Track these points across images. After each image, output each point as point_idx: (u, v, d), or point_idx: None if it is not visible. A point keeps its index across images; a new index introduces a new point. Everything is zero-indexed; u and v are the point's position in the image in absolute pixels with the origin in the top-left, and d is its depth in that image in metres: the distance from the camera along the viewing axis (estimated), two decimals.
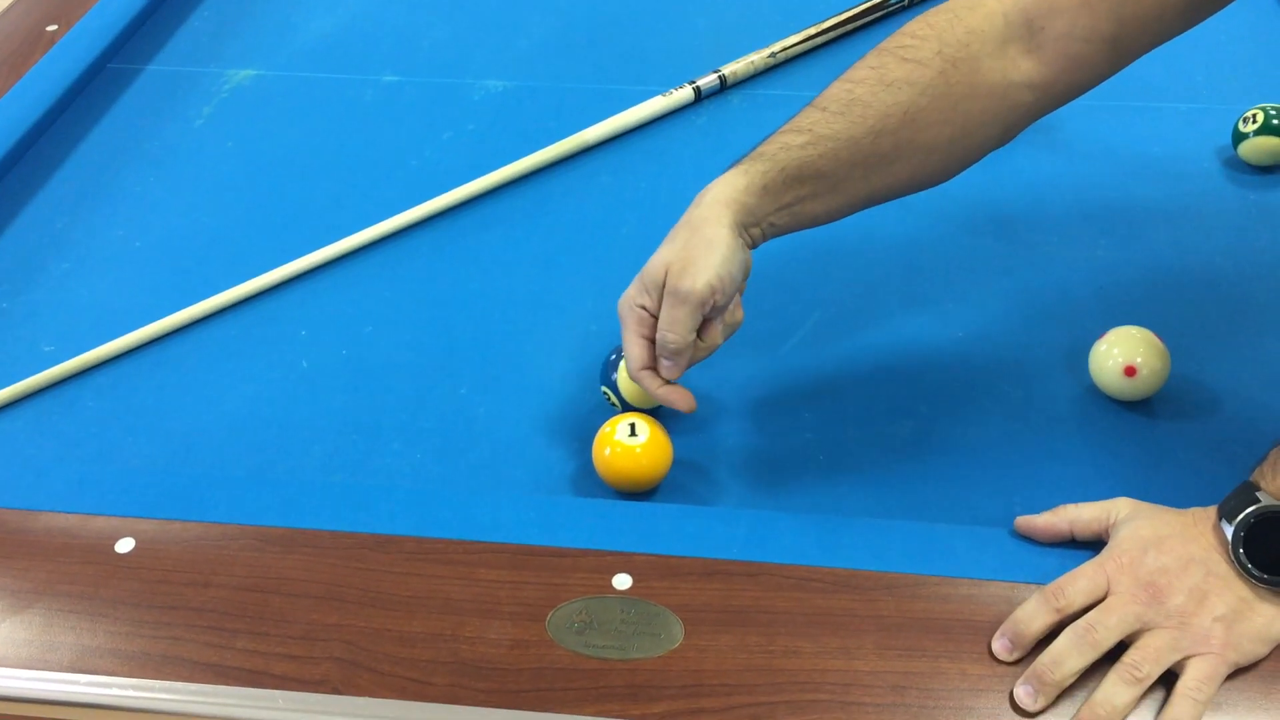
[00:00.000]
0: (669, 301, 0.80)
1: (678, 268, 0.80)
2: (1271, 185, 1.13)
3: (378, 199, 1.14)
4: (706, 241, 0.80)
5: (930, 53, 0.81)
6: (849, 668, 0.69)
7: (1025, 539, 0.77)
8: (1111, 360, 0.89)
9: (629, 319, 0.83)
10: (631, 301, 0.83)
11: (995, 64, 0.81)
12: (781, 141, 0.82)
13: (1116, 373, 0.89)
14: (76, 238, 1.12)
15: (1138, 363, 0.88)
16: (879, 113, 0.81)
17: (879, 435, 0.90)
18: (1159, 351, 0.89)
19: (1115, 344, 0.90)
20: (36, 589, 0.75)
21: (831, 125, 0.81)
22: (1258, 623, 0.68)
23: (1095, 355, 0.91)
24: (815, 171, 0.82)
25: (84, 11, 1.38)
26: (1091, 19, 0.79)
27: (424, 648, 0.71)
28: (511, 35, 1.41)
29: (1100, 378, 0.90)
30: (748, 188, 0.81)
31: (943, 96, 0.81)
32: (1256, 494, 0.71)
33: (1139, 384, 0.89)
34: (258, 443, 0.91)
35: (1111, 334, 0.90)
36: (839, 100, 0.82)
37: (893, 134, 0.81)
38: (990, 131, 0.84)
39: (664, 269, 0.81)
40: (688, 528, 0.78)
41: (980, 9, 0.82)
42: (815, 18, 1.36)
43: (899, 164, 0.83)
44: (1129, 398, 0.90)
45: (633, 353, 0.83)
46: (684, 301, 0.80)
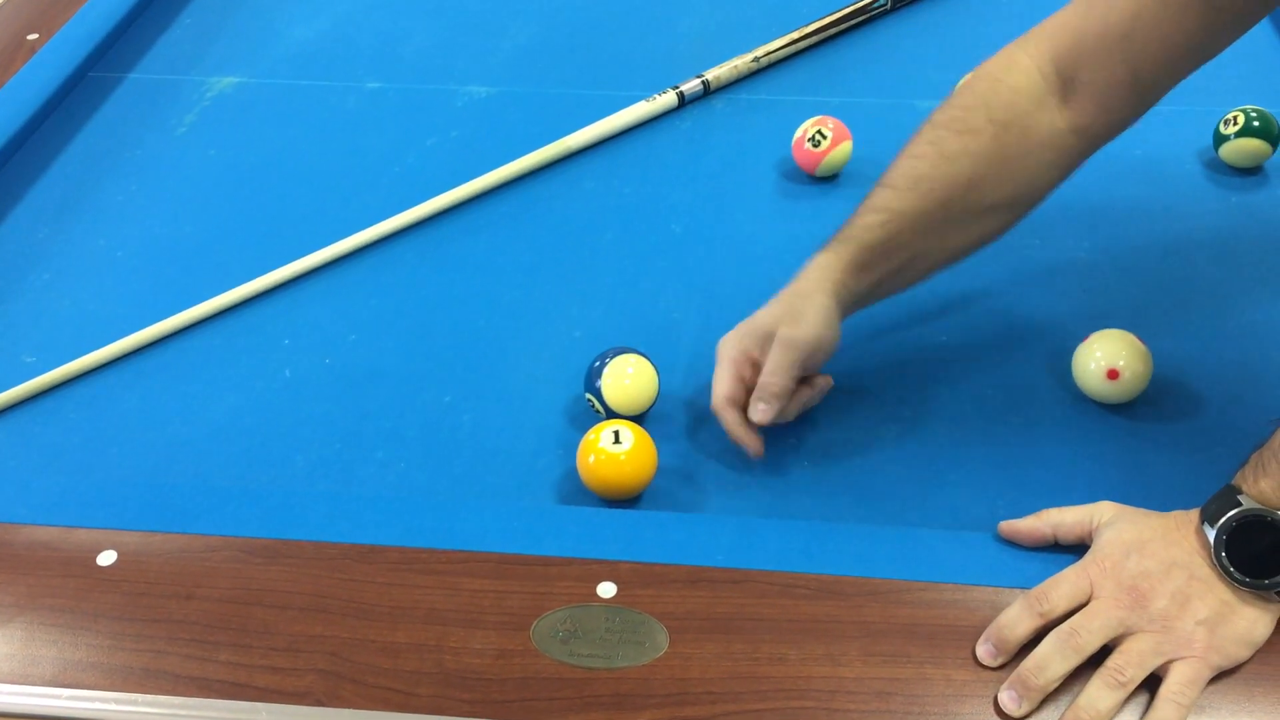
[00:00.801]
0: (778, 348, 0.85)
1: (789, 318, 0.85)
2: (1252, 187, 1.14)
3: (361, 206, 1.14)
4: (814, 304, 0.86)
5: (981, 120, 0.86)
6: (834, 674, 0.69)
7: (1009, 543, 0.77)
8: (1094, 363, 0.89)
9: (729, 355, 0.87)
10: (736, 342, 0.87)
11: (1042, 117, 0.86)
12: (863, 223, 0.88)
13: (1099, 376, 0.89)
14: (58, 247, 1.12)
15: (1120, 365, 0.88)
16: (945, 185, 0.86)
17: (863, 440, 0.90)
18: (1141, 354, 0.89)
19: (1098, 347, 0.90)
20: (17, 603, 0.74)
21: (904, 201, 0.86)
22: (1240, 626, 0.69)
23: (1078, 358, 0.91)
24: (897, 245, 0.87)
25: (65, 20, 1.38)
26: (1109, 65, 0.84)
27: (408, 658, 0.70)
28: (495, 41, 1.41)
29: (1083, 381, 0.90)
30: (842, 266, 0.87)
31: (1000, 160, 0.86)
32: (1238, 497, 0.71)
33: (1121, 387, 0.89)
34: (241, 453, 0.90)
35: (1094, 337, 0.91)
36: (906, 177, 0.87)
37: (961, 201, 0.86)
38: (1048, 178, 0.89)
39: (773, 321, 0.86)
40: (672, 535, 0.78)
41: (1015, 68, 0.87)
42: (798, 22, 1.36)
43: (970, 226, 0.88)
44: (1112, 400, 0.90)
45: (722, 387, 0.86)
46: (792, 348, 0.84)
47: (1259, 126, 1.12)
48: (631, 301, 1.04)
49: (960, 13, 1.42)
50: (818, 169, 1.15)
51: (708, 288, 1.05)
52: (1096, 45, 0.84)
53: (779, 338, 0.85)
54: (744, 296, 1.03)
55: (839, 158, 1.15)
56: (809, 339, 0.85)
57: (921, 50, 1.36)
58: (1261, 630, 0.69)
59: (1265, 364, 0.95)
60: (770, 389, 0.84)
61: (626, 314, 1.03)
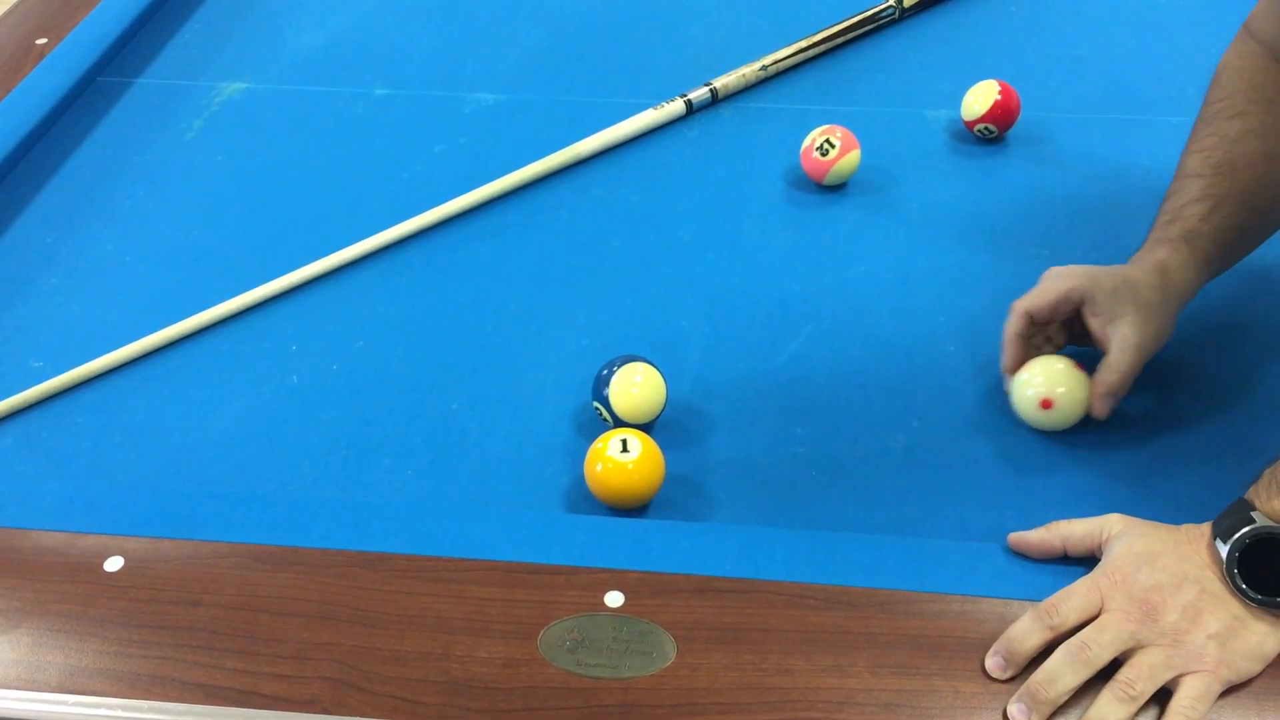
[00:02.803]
0: (1134, 353, 0.85)
1: (1145, 314, 0.86)
2: None
3: (369, 212, 1.14)
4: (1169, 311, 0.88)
5: (1244, 103, 0.90)
6: (842, 685, 0.69)
7: (1018, 555, 0.77)
8: (1032, 389, 0.87)
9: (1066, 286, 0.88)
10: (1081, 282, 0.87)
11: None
12: (1196, 214, 0.89)
13: (1033, 404, 0.87)
14: (66, 252, 1.12)
15: (1058, 393, 0.86)
16: (1246, 163, 0.88)
17: (871, 450, 0.89)
18: (1080, 382, 0.87)
19: (1036, 374, 0.88)
20: (25, 608, 0.74)
21: (1219, 186, 0.88)
22: (1251, 640, 0.68)
23: (1016, 383, 0.89)
24: (1231, 229, 0.89)
25: (74, 24, 1.38)
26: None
27: (415, 667, 0.70)
28: (503, 48, 1.41)
29: (1018, 406, 0.89)
30: (1197, 266, 0.88)
31: (1279, 134, 0.89)
32: (1251, 514, 0.71)
33: (1055, 416, 0.87)
34: (248, 459, 0.90)
35: (1034, 363, 0.88)
36: (1207, 165, 0.89)
37: (1266, 175, 0.89)
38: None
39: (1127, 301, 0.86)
40: (680, 544, 0.78)
41: (1248, 56, 0.92)
42: (806, 31, 1.36)
43: (1277, 200, 0.91)
44: (1046, 429, 0.88)
45: (1035, 300, 0.88)
46: (1143, 355, 0.86)
47: None
48: (639, 309, 1.04)
49: (967, 22, 1.42)
50: (826, 178, 1.15)
51: (716, 296, 1.05)
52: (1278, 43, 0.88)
53: (1136, 341, 0.85)
54: (752, 305, 1.03)
55: (847, 166, 1.15)
56: (1155, 349, 0.86)
57: (929, 59, 1.36)
58: (1272, 645, 0.69)
59: (1274, 375, 0.95)
60: (1121, 389, 0.85)
61: (634, 322, 1.03)
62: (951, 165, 1.20)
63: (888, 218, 1.13)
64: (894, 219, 1.13)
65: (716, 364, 0.97)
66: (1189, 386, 0.94)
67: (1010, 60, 1.33)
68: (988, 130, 1.21)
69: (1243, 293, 1.03)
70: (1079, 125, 1.23)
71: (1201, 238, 0.88)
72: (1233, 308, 1.02)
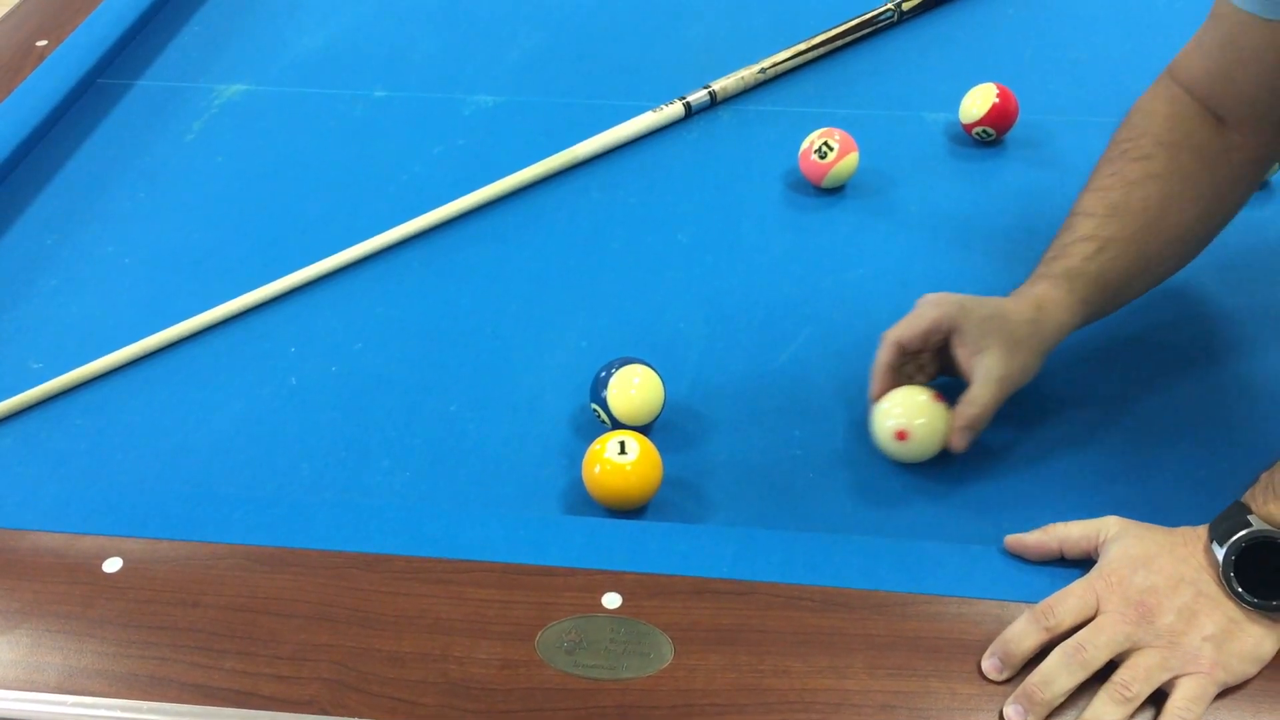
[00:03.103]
0: (998, 386, 0.84)
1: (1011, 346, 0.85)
2: (1257, 201, 1.13)
3: (367, 214, 1.14)
4: (1039, 348, 0.86)
5: (1150, 146, 0.88)
6: (839, 687, 0.69)
7: (1015, 557, 0.77)
8: (891, 420, 0.85)
9: (935, 314, 0.87)
10: (951, 309, 0.87)
11: (1204, 138, 0.88)
12: (1081, 252, 0.87)
13: (890, 434, 0.85)
14: (65, 254, 1.12)
15: (916, 425, 0.85)
16: (1139, 208, 0.87)
17: (868, 452, 0.89)
18: (939, 415, 0.85)
19: (896, 404, 0.86)
20: (23, 609, 0.75)
21: (1109, 228, 0.87)
22: (1247, 643, 0.69)
23: (876, 413, 0.87)
24: (1114, 272, 0.88)
25: (74, 26, 1.38)
26: (1224, 105, 0.87)
27: (413, 668, 0.70)
28: (502, 50, 1.41)
29: (876, 436, 0.87)
30: (1073, 306, 0.87)
31: (1182, 179, 0.87)
32: (1248, 517, 0.71)
33: (910, 448, 0.85)
34: (246, 461, 0.90)
35: (896, 393, 0.87)
36: (1102, 205, 0.88)
37: (1158, 222, 0.88)
38: (1234, 194, 0.90)
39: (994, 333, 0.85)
40: (678, 546, 0.78)
41: (1163, 99, 0.90)
42: (805, 34, 1.36)
43: (1171, 246, 0.90)
44: (902, 460, 0.87)
45: (905, 330, 0.87)
46: (1006, 388, 0.85)
47: None
48: (637, 312, 1.04)
49: (966, 25, 1.42)
50: (824, 180, 1.15)
51: (714, 298, 1.05)
52: (1207, 85, 0.87)
53: (999, 374, 0.83)
54: (750, 307, 1.03)
55: (846, 169, 1.15)
56: (1019, 385, 0.85)
57: (928, 62, 1.36)
58: (1268, 647, 0.69)
59: (1271, 379, 0.95)
60: (980, 422, 0.84)
61: (632, 324, 1.03)
62: (950, 168, 1.20)
63: (886, 220, 1.14)
64: (892, 221, 1.13)
65: (715, 366, 0.98)
66: (1187, 389, 0.94)
67: (1008, 63, 1.33)
68: (986, 133, 1.21)
69: (1241, 294, 1.03)
70: (1077, 128, 1.23)
71: (1083, 278, 0.87)
72: (1231, 309, 1.02)
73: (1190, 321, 1.01)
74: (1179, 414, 0.92)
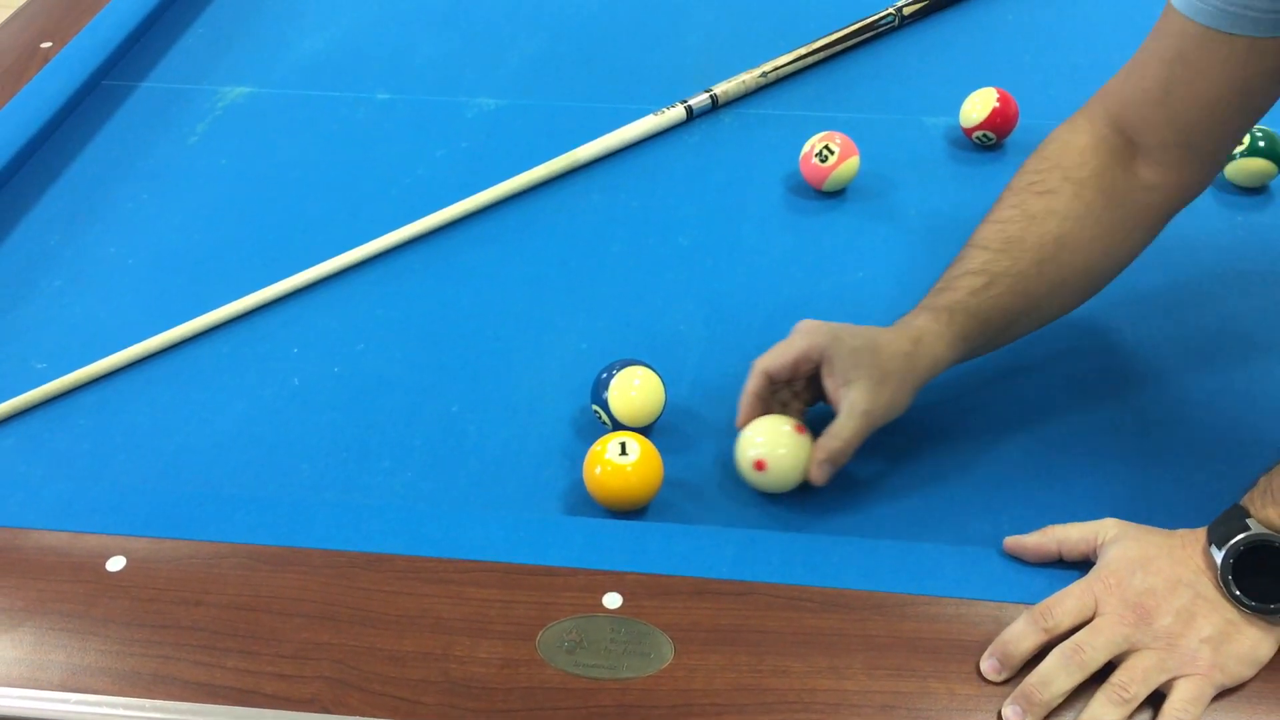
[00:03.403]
0: (861, 419, 0.82)
1: (879, 379, 0.83)
2: (1257, 206, 1.14)
3: (370, 216, 1.14)
4: (910, 382, 0.85)
5: (1057, 180, 0.87)
6: (838, 687, 0.70)
7: (1014, 559, 0.78)
8: (753, 449, 0.84)
9: (805, 344, 0.85)
10: (823, 339, 0.85)
11: (1115, 175, 0.86)
12: (966, 286, 0.86)
13: (748, 464, 0.84)
14: (69, 254, 1.12)
15: (776, 455, 0.83)
16: (1035, 245, 0.86)
17: (868, 454, 0.89)
18: (800, 446, 0.83)
19: (759, 433, 0.84)
20: (27, 607, 0.75)
21: (1000, 263, 0.86)
22: (1244, 645, 0.69)
23: (739, 441, 0.85)
24: (998, 309, 0.86)
25: (79, 28, 1.39)
26: (1156, 127, 0.85)
27: (414, 667, 0.71)
28: (504, 53, 1.41)
29: (738, 465, 0.85)
30: (950, 340, 0.85)
31: (1084, 216, 0.86)
32: (1246, 521, 0.71)
33: (768, 478, 0.84)
34: (249, 460, 0.91)
35: (760, 421, 0.85)
36: (997, 239, 0.87)
37: (1053, 260, 0.86)
38: (1135, 236, 0.89)
39: (867, 364, 0.83)
40: (678, 547, 0.78)
41: (1080, 131, 0.89)
42: (806, 38, 1.37)
43: (1063, 287, 0.88)
44: (762, 490, 0.85)
45: (774, 359, 0.85)
46: (870, 423, 0.83)
47: (1265, 147, 1.12)
48: (638, 314, 1.05)
49: (967, 29, 1.42)
50: (825, 184, 1.16)
51: (714, 301, 1.05)
52: (1140, 109, 0.86)
53: (864, 408, 0.82)
54: (751, 310, 1.04)
55: (846, 173, 1.15)
56: (887, 419, 0.83)
57: (928, 67, 1.36)
58: (1265, 650, 0.69)
59: (1270, 382, 0.95)
60: (842, 457, 0.83)
61: (633, 326, 1.03)
62: (950, 172, 1.20)
63: (886, 224, 1.14)
64: (892, 225, 1.14)
65: (715, 368, 0.98)
66: (1187, 391, 0.94)
67: (1009, 68, 1.34)
68: (986, 137, 1.21)
69: (1242, 296, 1.04)
70: None
71: (965, 313, 0.85)
72: (1232, 311, 1.02)
73: (1191, 323, 1.01)
74: (1179, 416, 0.92)
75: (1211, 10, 0.78)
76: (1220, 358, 0.98)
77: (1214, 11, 0.78)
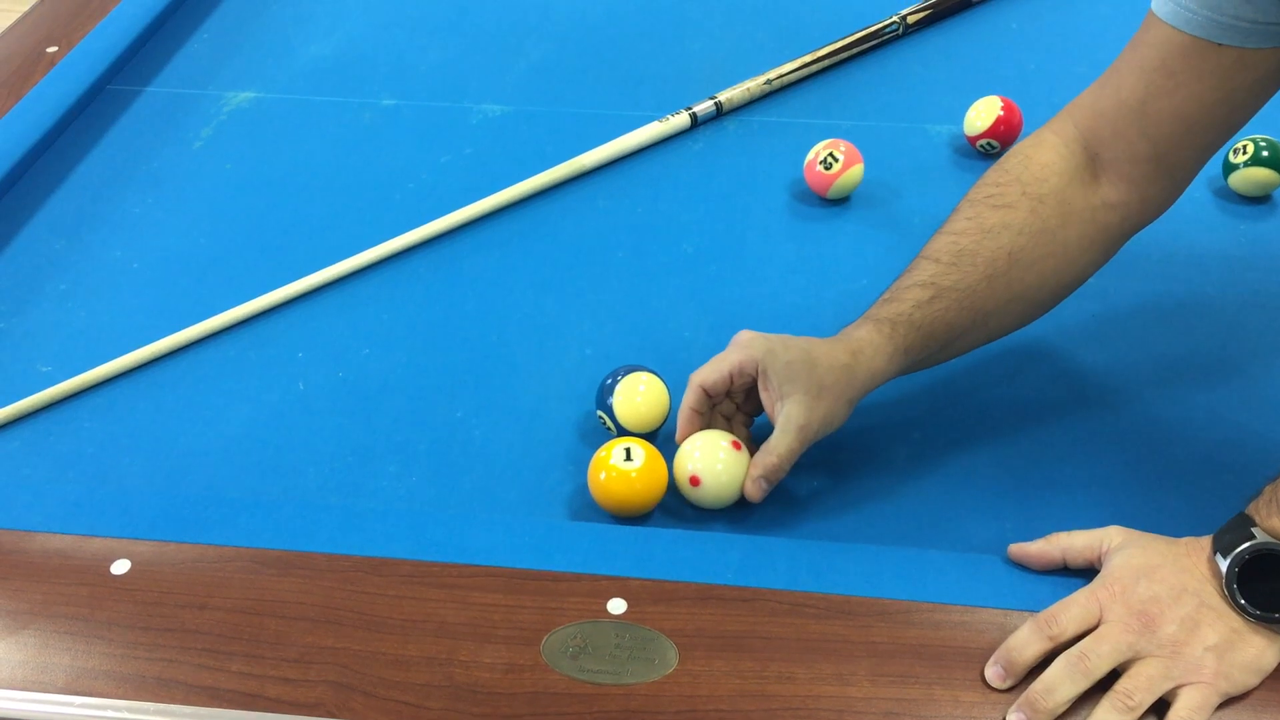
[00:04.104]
0: (795, 435, 0.82)
1: (815, 391, 0.82)
2: (1261, 215, 1.14)
3: (375, 222, 1.15)
4: (847, 395, 0.84)
5: (1016, 194, 0.86)
6: (842, 694, 0.70)
7: (1018, 566, 0.78)
8: (690, 464, 0.83)
9: (741, 357, 0.85)
10: (758, 350, 0.84)
11: (1075, 192, 0.86)
12: (911, 299, 0.85)
13: (684, 479, 0.84)
14: (74, 258, 1.13)
15: (712, 471, 0.83)
16: (987, 259, 0.85)
17: (872, 462, 0.90)
18: (736, 462, 0.83)
19: (696, 448, 0.84)
20: (32, 610, 0.75)
21: (949, 277, 0.85)
22: (1249, 653, 0.69)
23: (677, 456, 0.85)
24: (943, 323, 0.85)
25: (84, 33, 1.39)
26: (1128, 140, 0.84)
27: (418, 671, 0.71)
28: (510, 60, 1.42)
29: (676, 479, 0.85)
30: (890, 353, 0.84)
31: (1039, 233, 0.85)
32: (1252, 529, 0.71)
33: (703, 494, 0.83)
34: (254, 464, 0.91)
35: (699, 436, 0.84)
36: (948, 252, 0.86)
37: (1004, 276, 0.85)
38: (1089, 256, 0.88)
39: (802, 377, 0.82)
40: (682, 553, 0.78)
41: (1044, 145, 0.88)
42: (810, 45, 1.37)
43: (1012, 304, 0.87)
44: (699, 506, 0.85)
45: (711, 373, 0.85)
46: (806, 438, 0.82)
47: (1268, 156, 1.12)
48: (643, 320, 1.05)
49: (971, 38, 1.43)
50: (829, 191, 1.16)
51: (719, 307, 1.06)
52: (1114, 121, 0.85)
53: (799, 423, 0.81)
54: (754, 316, 1.04)
55: (851, 180, 1.15)
56: (823, 433, 0.83)
57: (932, 75, 1.37)
58: (1270, 658, 0.69)
59: (1275, 390, 0.95)
60: (778, 473, 0.82)
61: (638, 332, 1.03)
62: (954, 180, 1.21)
63: (890, 231, 1.14)
64: (896, 233, 1.14)
65: None
66: (1192, 399, 0.94)
67: (1013, 76, 1.34)
68: (990, 146, 1.22)
69: (1248, 304, 1.04)
70: None
71: (908, 325, 0.84)
72: (1238, 320, 1.03)
73: (1196, 332, 1.02)
74: (1183, 424, 0.92)
75: (1201, 20, 0.78)
76: (1225, 365, 0.98)
77: (1203, 22, 0.78)
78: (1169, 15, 0.80)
